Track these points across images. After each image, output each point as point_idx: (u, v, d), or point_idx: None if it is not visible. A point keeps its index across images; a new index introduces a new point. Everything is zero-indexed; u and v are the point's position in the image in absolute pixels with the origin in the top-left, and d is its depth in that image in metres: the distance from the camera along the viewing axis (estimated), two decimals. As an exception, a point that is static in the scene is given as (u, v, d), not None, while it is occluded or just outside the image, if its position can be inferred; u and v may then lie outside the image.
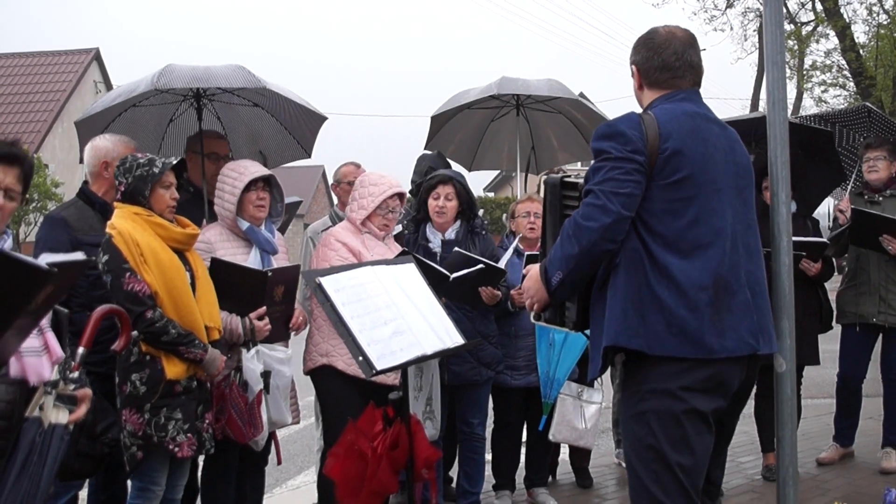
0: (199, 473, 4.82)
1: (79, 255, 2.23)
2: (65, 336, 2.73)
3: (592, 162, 3.15)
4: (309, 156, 6.07)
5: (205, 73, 5.02)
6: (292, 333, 4.70)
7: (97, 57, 30.67)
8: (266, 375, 4.30)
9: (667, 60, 3.24)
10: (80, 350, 2.59)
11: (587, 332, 3.31)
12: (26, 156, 2.60)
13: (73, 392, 2.47)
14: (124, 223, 3.87)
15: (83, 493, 4.55)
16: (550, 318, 3.41)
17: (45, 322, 2.55)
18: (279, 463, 4.86)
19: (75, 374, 2.51)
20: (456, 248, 5.00)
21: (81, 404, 2.51)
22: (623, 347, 3.00)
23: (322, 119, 5.83)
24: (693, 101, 3.25)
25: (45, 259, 1.97)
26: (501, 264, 5.05)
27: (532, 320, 3.49)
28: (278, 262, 4.61)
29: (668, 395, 2.99)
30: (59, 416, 2.48)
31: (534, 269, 3.28)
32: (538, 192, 6.23)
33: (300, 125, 5.86)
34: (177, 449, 3.89)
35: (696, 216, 3.03)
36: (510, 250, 5.30)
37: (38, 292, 1.97)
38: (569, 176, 3.44)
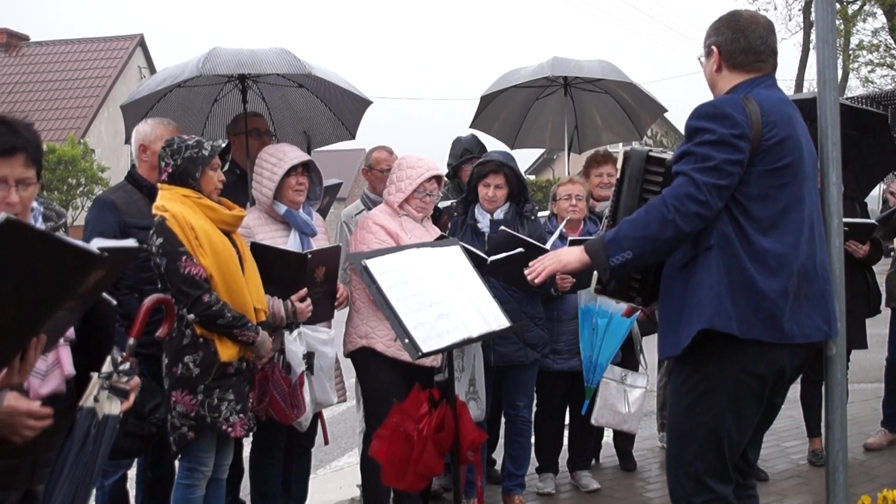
0: (245, 453, 4.88)
1: (131, 242, 2.23)
2: (112, 327, 2.73)
3: (685, 142, 3.08)
4: (353, 137, 6.07)
5: (250, 57, 5.02)
6: (336, 311, 4.72)
7: (142, 43, 30.92)
8: (309, 357, 4.34)
9: (753, 43, 3.20)
10: (130, 341, 2.60)
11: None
12: (27, 136, 2.42)
13: (125, 384, 2.51)
14: (175, 205, 3.89)
15: (132, 473, 4.62)
16: (615, 291, 3.37)
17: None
18: (326, 443, 4.91)
19: (127, 366, 2.52)
20: (502, 227, 4.98)
21: (131, 394, 2.55)
22: (717, 331, 2.99)
23: (367, 103, 5.82)
24: (779, 90, 3.24)
25: (96, 244, 1.99)
26: (547, 246, 5.03)
27: (592, 292, 3.46)
28: (317, 244, 4.63)
29: (732, 375, 3.05)
30: (112, 407, 2.52)
31: (573, 247, 3.30)
32: (577, 174, 6.18)
33: (344, 108, 5.86)
34: (230, 429, 3.94)
35: (788, 203, 3.04)
36: (556, 233, 5.28)
37: (87, 276, 1.99)
38: (655, 150, 3.35)
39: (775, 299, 2.97)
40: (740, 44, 3.20)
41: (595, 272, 3.28)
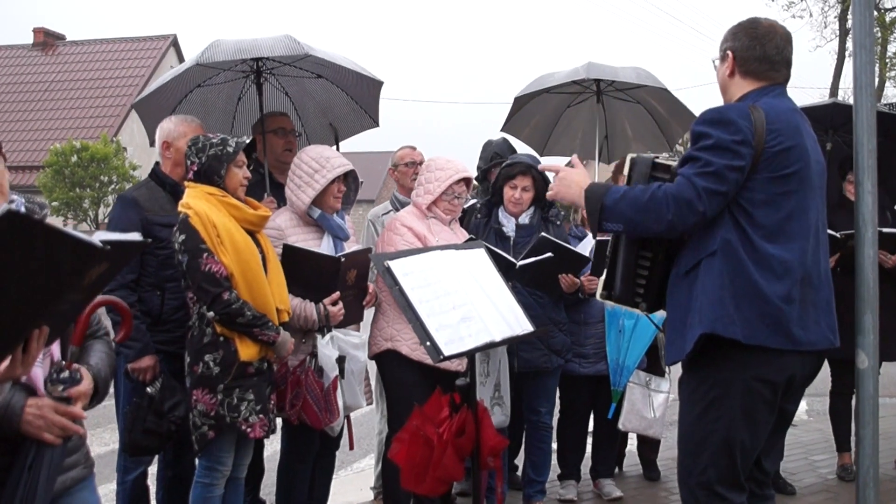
0: (266, 453, 4.86)
1: (135, 236, 2.19)
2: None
3: (690, 147, 3.10)
4: (377, 125, 5.99)
5: (250, 44, 4.99)
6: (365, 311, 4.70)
7: (174, 43, 31.19)
8: (341, 361, 4.31)
9: (768, 52, 3.21)
10: (71, 348, 2.48)
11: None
12: None
13: (62, 393, 2.37)
14: (200, 203, 3.88)
15: (152, 469, 4.61)
16: (621, 297, 3.37)
17: None
18: (351, 448, 4.87)
19: (65, 374, 2.39)
20: (542, 234, 4.94)
21: (77, 402, 2.40)
22: (718, 335, 2.98)
23: (379, 84, 5.71)
24: (788, 99, 3.24)
25: (98, 237, 1.96)
26: (585, 253, 5.00)
27: (598, 297, 3.47)
28: (349, 247, 4.60)
29: (743, 382, 3.02)
30: None
31: (576, 172, 3.35)
32: (608, 180, 6.13)
33: (363, 93, 5.78)
34: (249, 430, 3.92)
35: (792, 210, 3.03)
36: (587, 239, 5.23)
37: (90, 269, 1.96)
38: (661, 157, 3.36)
39: (780, 305, 2.96)
40: (756, 52, 3.21)
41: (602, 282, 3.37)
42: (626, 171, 3.34)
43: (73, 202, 22.37)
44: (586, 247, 5.15)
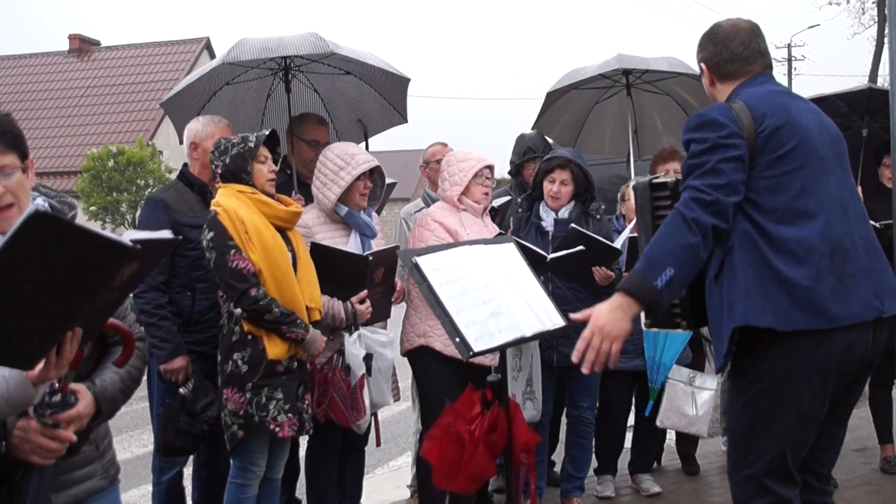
0: (301, 453, 4.86)
1: (165, 233, 2.18)
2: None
3: (685, 159, 3.09)
4: (406, 120, 5.97)
5: (276, 43, 5.00)
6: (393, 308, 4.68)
7: (208, 46, 31.40)
8: (368, 359, 4.29)
9: (735, 51, 3.21)
10: (66, 371, 2.29)
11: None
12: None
13: (48, 420, 2.25)
14: (229, 201, 3.90)
15: (188, 470, 4.63)
16: (661, 321, 3.34)
17: None
18: (378, 445, 4.87)
19: (57, 398, 2.28)
20: (572, 225, 4.91)
21: (69, 426, 2.29)
22: (753, 327, 2.92)
23: (406, 80, 5.69)
24: (772, 82, 3.22)
25: (128, 236, 1.95)
26: (617, 245, 4.95)
27: (643, 327, 3.40)
28: (376, 245, 4.59)
29: (787, 372, 2.95)
30: None
31: (597, 308, 3.01)
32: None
33: (391, 89, 5.76)
34: (278, 429, 3.90)
35: (803, 187, 2.98)
36: (625, 233, 5.18)
37: (120, 269, 1.96)
38: (657, 176, 3.40)
39: (809, 286, 2.89)
40: (723, 55, 3.22)
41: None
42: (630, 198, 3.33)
43: (110, 206, 22.60)
44: (620, 241, 5.10)
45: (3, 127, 2.35)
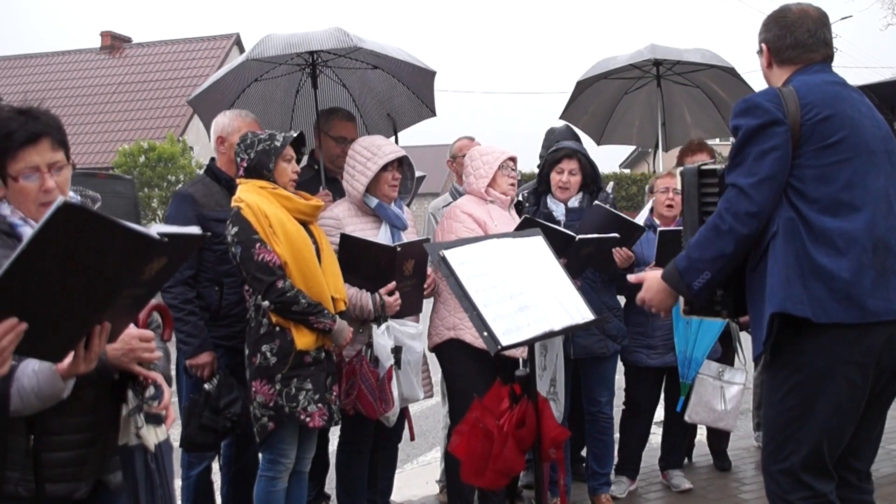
0: (330, 448, 4.86)
1: (193, 229, 2.19)
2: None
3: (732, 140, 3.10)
4: (434, 114, 5.94)
5: (301, 38, 4.99)
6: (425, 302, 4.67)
7: (237, 42, 31.51)
8: (397, 351, 4.27)
9: (800, 38, 3.18)
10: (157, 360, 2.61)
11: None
12: (46, 121, 2.45)
13: (158, 410, 2.52)
14: (251, 196, 3.91)
15: (216, 466, 4.64)
16: (701, 310, 3.34)
17: None
18: (412, 439, 4.86)
19: (152, 391, 2.50)
20: (597, 202, 4.90)
21: (169, 411, 2.57)
22: (790, 315, 2.91)
23: (432, 73, 5.66)
24: (828, 72, 3.18)
25: (156, 230, 1.94)
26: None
27: (682, 315, 3.42)
28: (407, 237, 4.57)
29: (825, 365, 2.93)
30: (157, 434, 2.56)
31: (652, 277, 3.30)
32: (674, 167, 6.00)
33: (419, 82, 5.73)
34: (308, 419, 3.91)
35: (850, 179, 2.95)
36: (643, 214, 5.15)
37: (149, 262, 1.95)
38: (706, 164, 3.37)
39: (848, 279, 2.87)
40: (787, 40, 3.20)
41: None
42: (678, 185, 3.35)
43: (142, 202, 22.78)
44: (641, 220, 5.10)
45: (55, 123, 2.46)
